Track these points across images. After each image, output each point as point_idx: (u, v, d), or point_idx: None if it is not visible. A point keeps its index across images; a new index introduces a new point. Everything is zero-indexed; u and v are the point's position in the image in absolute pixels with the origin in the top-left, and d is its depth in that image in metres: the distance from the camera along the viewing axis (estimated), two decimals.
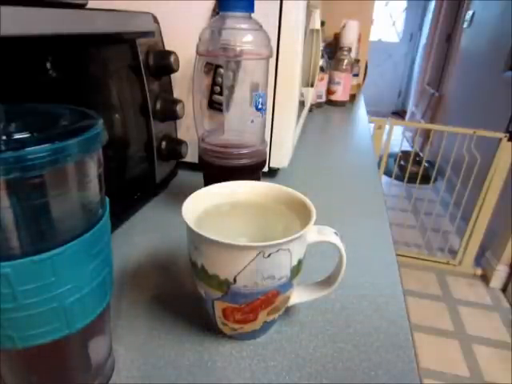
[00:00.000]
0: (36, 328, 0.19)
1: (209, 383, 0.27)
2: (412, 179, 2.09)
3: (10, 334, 0.19)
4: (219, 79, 0.50)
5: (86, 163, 0.20)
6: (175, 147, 0.52)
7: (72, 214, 0.20)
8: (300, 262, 0.28)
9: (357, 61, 1.41)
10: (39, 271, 0.18)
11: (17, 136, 0.17)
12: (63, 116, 0.21)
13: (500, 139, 1.70)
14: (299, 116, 0.70)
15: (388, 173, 2.44)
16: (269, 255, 0.25)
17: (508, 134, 1.68)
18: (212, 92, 0.51)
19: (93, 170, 0.20)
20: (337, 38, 1.38)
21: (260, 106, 0.45)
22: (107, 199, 0.23)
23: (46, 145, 0.17)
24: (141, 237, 0.44)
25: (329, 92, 1.24)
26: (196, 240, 0.26)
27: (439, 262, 1.94)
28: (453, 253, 1.97)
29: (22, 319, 0.19)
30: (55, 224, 0.19)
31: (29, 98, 0.23)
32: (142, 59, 0.45)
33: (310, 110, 1.07)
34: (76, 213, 0.20)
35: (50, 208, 0.18)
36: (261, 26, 0.42)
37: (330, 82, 1.23)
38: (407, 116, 4.46)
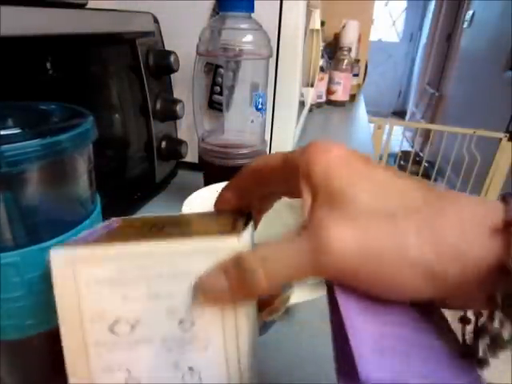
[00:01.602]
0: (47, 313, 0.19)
1: None
2: None
3: (22, 322, 0.19)
4: (219, 79, 0.50)
5: (76, 159, 0.20)
6: (175, 147, 0.52)
7: (60, 209, 0.20)
8: None
9: (357, 61, 1.41)
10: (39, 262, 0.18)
11: (6, 131, 0.17)
12: (54, 113, 0.21)
13: (500, 139, 1.70)
14: (299, 116, 0.70)
15: None
16: None
17: (508, 134, 1.68)
18: (212, 92, 0.51)
19: (82, 166, 0.21)
20: (337, 37, 1.38)
21: (260, 106, 0.45)
22: (98, 196, 0.23)
23: (36, 140, 0.17)
24: None
25: (329, 92, 1.24)
26: None
27: None
28: None
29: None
30: (42, 218, 0.19)
31: (29, 98, 0.23)
32: (141, 59, 0.45)
33: (310, 110, 1.07)
34: (64, 208, 0.20)
35: (38, 202, 0.19)
36: (261, 26, 0.42)
37: (330, 81, 1.23)
38: (407, 116, 4.46)
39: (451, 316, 0.16)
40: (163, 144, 0.51)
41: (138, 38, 0.44)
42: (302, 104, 0.74)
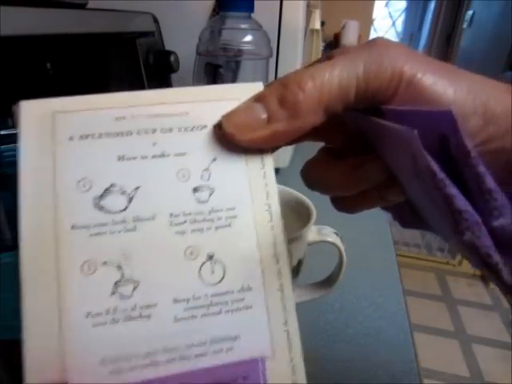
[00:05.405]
0: None
1: None
2: None
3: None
4: (219, 79, 0.50)
5: None
6: None
7: None
8: (300, 263, 0.28)
9: None
10: None
11: (6, 131, 0.18)
12: None
13: None
14: None
15: None
16: None
17: None
18: None
19: None
20: (337, 37, 1.38)
21: None
22: None
23: None
24: None
25: None
26: None
27: (439, 262, 1.94)
28: (453, 253, 1.96)
29: None
30: None
31: (28, 98, 0.23)
32: (141, 59, 0.45)
33: None
34: None
35: None
36: (261, 26, 0.42)
37: None
38: None
39: None
40: None
41: (137, 38, 0.44)
42: None
